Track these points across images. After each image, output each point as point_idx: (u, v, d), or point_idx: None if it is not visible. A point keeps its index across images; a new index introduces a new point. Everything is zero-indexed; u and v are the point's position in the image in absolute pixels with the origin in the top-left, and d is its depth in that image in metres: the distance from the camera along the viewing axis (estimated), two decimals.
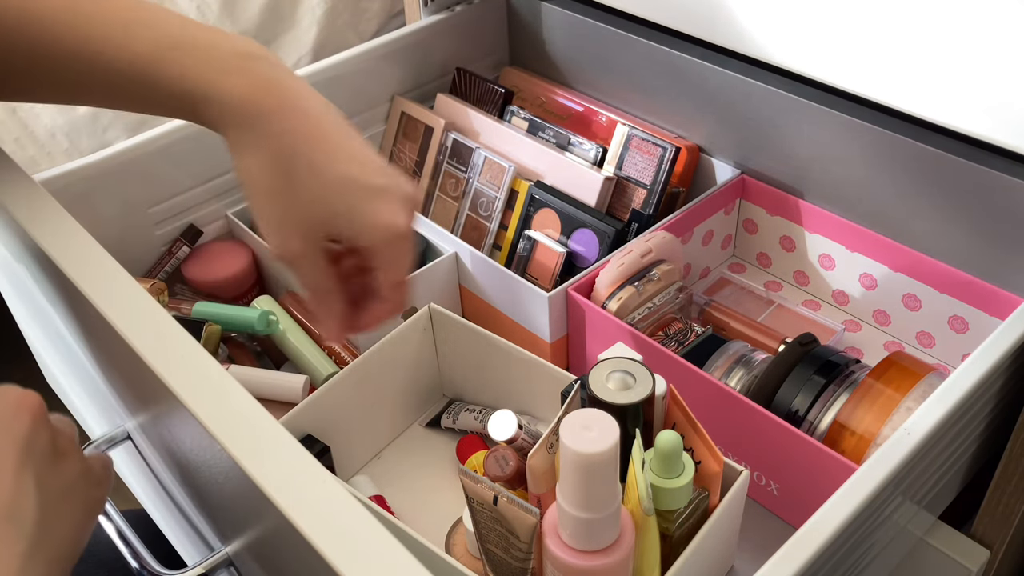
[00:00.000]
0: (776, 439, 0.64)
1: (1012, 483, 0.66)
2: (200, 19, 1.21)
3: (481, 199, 0.91)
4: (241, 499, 0.51)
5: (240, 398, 0.44)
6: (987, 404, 0.62)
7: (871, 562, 0.59)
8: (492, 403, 0.76)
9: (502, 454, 0.64)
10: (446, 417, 0.77)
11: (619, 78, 0.94)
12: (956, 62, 0.64)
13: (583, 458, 0.42)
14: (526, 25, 1.01)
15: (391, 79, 0.97)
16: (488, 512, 0.53)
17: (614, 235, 0.82)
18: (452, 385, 0.79)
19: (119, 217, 0.82)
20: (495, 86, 0.95)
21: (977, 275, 0.75)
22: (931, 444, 0.54)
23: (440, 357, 0.78)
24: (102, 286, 0.50)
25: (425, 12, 0.99)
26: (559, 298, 0.76)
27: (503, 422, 0.66)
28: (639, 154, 0.85)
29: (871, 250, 0.81)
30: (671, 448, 0.50)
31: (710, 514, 0.55)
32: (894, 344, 0.83)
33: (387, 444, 0.77)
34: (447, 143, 0.94)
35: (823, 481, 0.59)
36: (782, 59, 0.75)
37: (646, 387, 0.53)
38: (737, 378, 0.71)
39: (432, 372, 0.79)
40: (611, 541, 0.46)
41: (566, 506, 0.45)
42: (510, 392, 0.74)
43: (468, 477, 0.54)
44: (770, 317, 0.86)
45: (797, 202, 0.85)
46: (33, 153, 1.09)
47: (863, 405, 0.64)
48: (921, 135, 0.73)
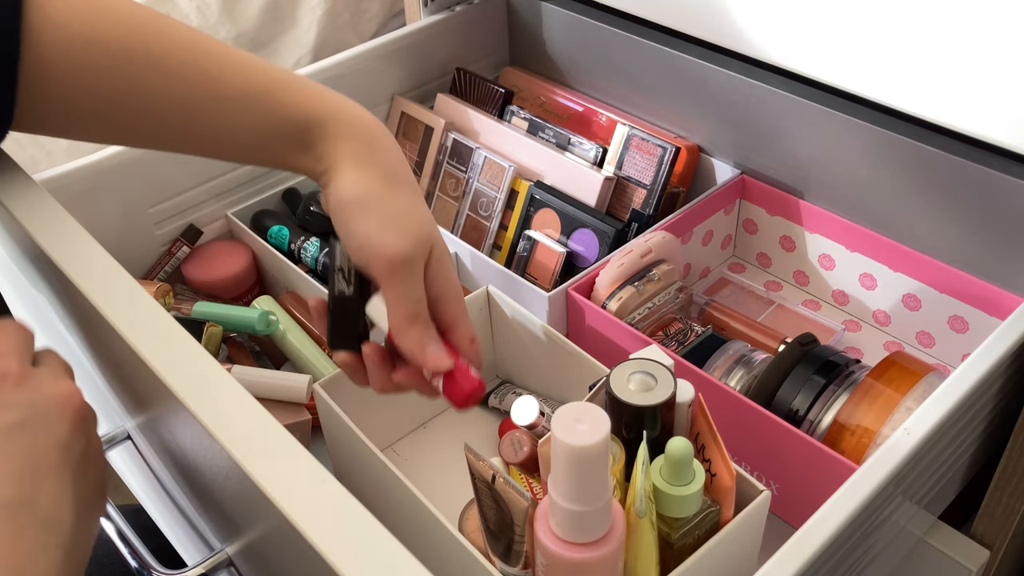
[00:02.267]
0: (776, 439, 0.64)
1: (1012, 483, 0.66)
2: (200, 19, 1.21)
3: (481, 199, 0.91)
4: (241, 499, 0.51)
5: (240, 398, 0.44)
6: (987, 404, 0.62)
7: (871, 562, 0.59)
8: (539, 390, 0.77)
9: (518, 438, 0.65)
10: (494, 397, 0.78)
11: (619, 78, 0.94)
12: (956, 62, 0.64)
13: (572, 450, 0.42)
14: (526, 25, 1.01)
15: (391, 79, 0.97)
16: (487, 491, 0.54)
17: (614, 235, 0.82)
18: (505, 367, 0.80)
19: (119, 217, 0.82)
20: (495, 86, 0.96)
21: (977, 275, 0.75)
22: (931, 444, 0.54)
23: (495, 338, 0.78)
24: (102, 286, 0.50)
25: (425, 12, 0.99)
26: (559, 298, 0.76)
27: (525, 407, 0.67)
28: (639, 154, 0.85)
29: (871, 250, 0.81)
30: (680, 455, 0.50)
31: (720, 528, 0.54)
32: (894, 344, 0.84)
33: (434, 416, 0.79)
34: (447, 143, 0.94)
35: (823, 481, 0.59)
36: (782, 59, 0.75)
37: (665, 392, 0.53)
38: (737, 378, 0.71)
39: (487, 351, 0.79)
40: (600, 535, 0.46)
41: (556, 497, 0.45)
42: (556, 381, 0.74)
43: (472, 454, 0.55)
44: (770, 317, 0.86)
45: (797, 202, 0.85)
46: (33, 153, 1.09)
47: (863, 405, 0.64)
48: (921, 135, 0.73)
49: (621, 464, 0.52)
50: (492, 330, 0.78)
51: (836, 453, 0.61)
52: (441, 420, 0.78)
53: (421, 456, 0.75)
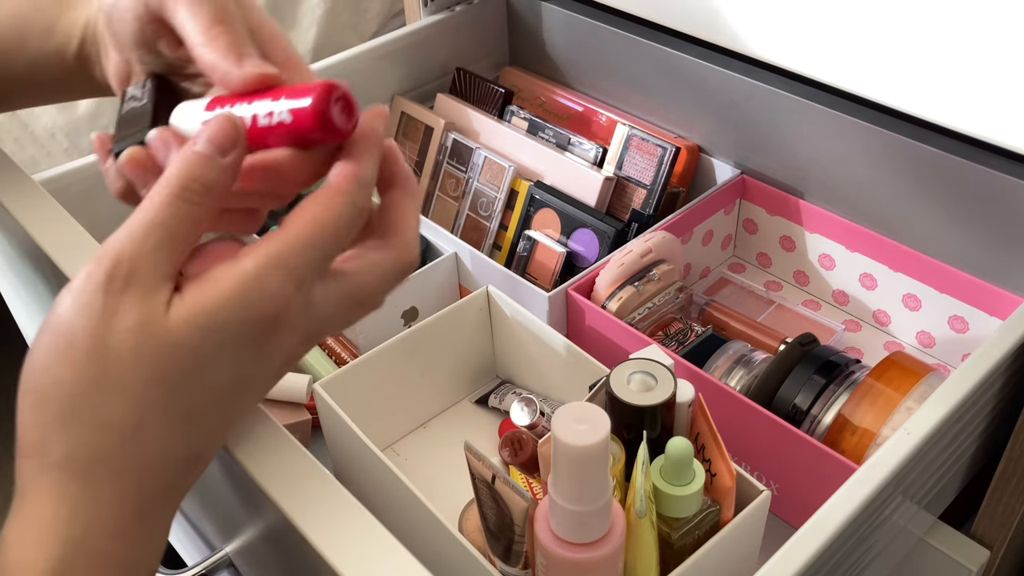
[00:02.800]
0: (776, 439, 0.64)
1: (1012, 483, 0.66)
2: None
3: (481, 199, 0.91)
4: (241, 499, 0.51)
5: None
6: (987, 404, 0.62)
7: (871, 562, 0.59)
8: (540, 390, 0.77)
9: (518, 438, 0.65)
10: (494, 397, 0.78)
11: (619, 78, 0.94)
12: (956, 62, 0.64)
13: (572, 450, 0.42)
14: (526, 25, 1.01)
15: (391, 79, 0.97)
16: (487, 490, 0.54)
17: (614, 235, 0.82)
18: (505, 367, 0.80)
19: (119, 217, 0.81)
20: (495, 86, 0.96)
21: (977, 275, 0.75)
22: (931, 444, 0.54)
23: (495, 338, 0.79)
24: None
25: (425, 12, 0.99)
26: (559, 298, 0.76)
27: (525, 407, 0.67)
28: (639, 154, 0.85)
29: (871, 250, 0.81)
30: (680, 455, 0.50)
31: (720, 528, 0.54)
32: (894, 344, 0.84)
33: (435, 415, 0.79)
34: (447, 143, 0.94)
35: (823, 481, 0.59)
36: (782, 59, 0.75)
37: (665, 392, 0.53)
38: (737, 378, 0.71)
39: (487, 351, 0.79)
40: (599, 535, 0.46)
41: (555, 497, 0.45)
42: (556, 381, 0.74)
43: (472, 453, 0.55)
44: (770, 317, 0.86)
45: (797, 202, 0.85)
46: (33, 153, 1.09)
47: (863, 405, 0.64)
48: (921, 135, 0.73)
49: (621, 464, 0.52)
50: (492, 330, 0.78)
51: (836, 453, 0.61)
52: (441, 420, 0.78)
53: (421, 456, 0.75)
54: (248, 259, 0.35)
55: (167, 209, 0.35)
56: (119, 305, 0.34)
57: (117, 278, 0.34)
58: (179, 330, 0.34)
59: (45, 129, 1.10)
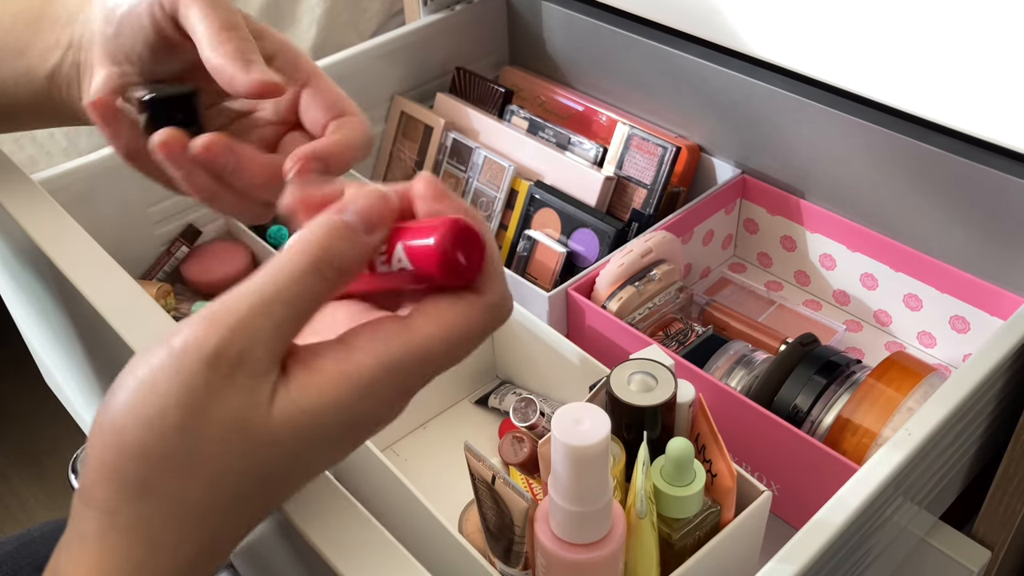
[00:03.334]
0: (777, 439, 0.64)
1: (1013, 483, 0.66)
2: None
3: (481, 199, 0.91)
4: None
5: None
6: (988, 404, 0.62)
7: (872, 563, 0.59)
8: (539, 390, 0.77)
9: (518, 438, 0.65)
10: (494, 397, 0.78)
11: (619, 78, 0.94)
12: (956, 62, 0.63)
13: (573, 451, 0.42)
14: (526, 25, 1.01)
15: (391, 79, 0.97)
16: (487, 491, 0.54)
17: (614, 235, 0.81)
18: (505, 367, 0.80)
19: (118, 217, 0.82)
20: (495, 86, 0.95)
21: (978, 275, 0.74)
22: (932, 445, 0.54)
23: (495, 338, 0.79)
24: (101, 286, 0.50)
25: (425, 11, 0.99)
26: (559, 298, 0.75)
27: (525, 408, 0.67)
28: (639, 154, 0.85)
29: (872, 250, 0.81)
30: (680, 455, 0.50)
31: (721, 529, 0.54)
32: (895, 344, 0.83)
33: (435, 415, 0.79)
34: (447, 143, 0.93)
35: (824, 481, 0.59)
36: (782, 59, 0.74)
37: (666, 392, 0.52)
38: (738, 378, 0.71)
39: (487, 351, 0.80)
40: (600, 536, 0.46)
41: (556, 497, 0.45)
42: (556, 381, 0.74)
43: (472, 454, 0.55)
44: (771, 317, 0.86)
45: (798, 202, 0.85)
46: (32, 153, 1.09)
47: (864, 405, 0.64)
48: (921, 135, 0.73)
49: (621, 465, 0.52)
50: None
51: (837, 453, 0.61)
52: (441, 420, 0.78)
53: (421, 456, 0.75)
54: (365, 357, 0.33)
55: (297, 286, 0.32)
56: (223, 389, 0.31)
57: (226, 357, 0.31)
58: (280, 432, 0.32)
59: (44, 129, 1.09)
